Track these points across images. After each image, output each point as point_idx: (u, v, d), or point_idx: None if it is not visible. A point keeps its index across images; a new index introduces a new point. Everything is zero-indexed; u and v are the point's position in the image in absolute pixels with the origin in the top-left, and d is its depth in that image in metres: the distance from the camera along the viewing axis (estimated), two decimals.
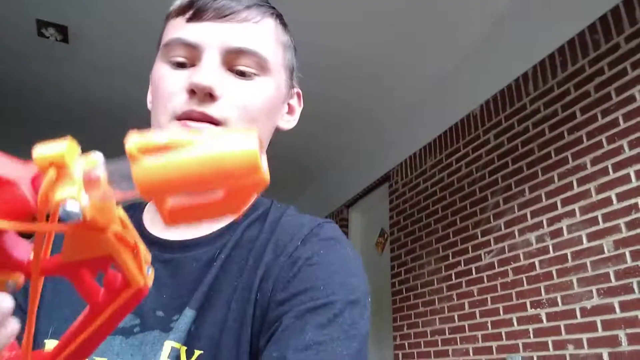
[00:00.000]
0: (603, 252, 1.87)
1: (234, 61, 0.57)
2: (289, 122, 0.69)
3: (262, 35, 0.60)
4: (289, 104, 0.68)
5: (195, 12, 0.58)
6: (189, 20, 0.58)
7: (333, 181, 4.58)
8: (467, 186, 2.72)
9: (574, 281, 1.97)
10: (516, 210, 2.34)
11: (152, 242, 0.60)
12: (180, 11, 0.59)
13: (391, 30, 2.77)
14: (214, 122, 0.55)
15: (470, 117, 2.79)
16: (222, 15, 0.57)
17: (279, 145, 4.18)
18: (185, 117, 0.55)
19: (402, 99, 3.40)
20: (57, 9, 2.70)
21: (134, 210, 0.66)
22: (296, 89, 0.70)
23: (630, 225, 1.78)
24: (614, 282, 1.81)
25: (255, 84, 0.59)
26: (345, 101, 3.47)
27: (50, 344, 0.54)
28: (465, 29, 2.73)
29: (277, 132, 0.68)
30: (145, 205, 0.67)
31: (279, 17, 0.65)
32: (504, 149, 2.48)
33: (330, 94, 3.37)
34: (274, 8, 0.64)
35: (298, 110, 0.71)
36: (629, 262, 1.77)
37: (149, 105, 0.65)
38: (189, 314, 0.53)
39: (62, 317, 0.54)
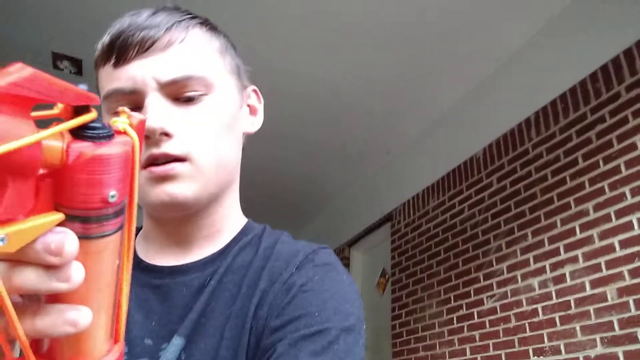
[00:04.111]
0: (606, 300, 1.84)
1: (176, 91, 0.55)
2: (253, 124, 0.67)
3: (192, 53, 0.57)
4: (248, 105, 0.66)
5: (118, 54, 0.55)
6: (115, 65, 0.56)
7: (335, 219, 4.57)
8: (469, 228, 2.72)
9: (577, 329, 1.93)
10: (519, 255, 2.32)
11: (143, 268, 0.59)
12: (105, 57, 0.57)
13: (395, 73, 2.83)
14: (178, 159, 0.54)
15: (473, 160, 2.81)
16: (145, 48, 0.55)
17: (281, 182, 4.22)
18: (149, 163, 0.54)
19: (405, 139, 3.44)
20: (73, 43, 2.79)
21: None
22: (251, 87, 0.67)
23: (634, 273, 1.76)
24: (617, 331, 1.77)
25: (206, 106, 0.57)
26: (349, 140, 3.51)
27: None
28: (469, 71, 2.79)
29: (248, 137, 0.66)
30: (139, 231, 0.67)
31: (204, 23, 0.61)
32: (507, 192, 2.48)
33: (334, 132, 3.42)
34: (196, 17, 0.60)
35: (260, 107, 0.68)
36: (633, 311, 1.74)
37: None
38: (177, 342, 0.52)
39: None
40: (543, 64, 2.42)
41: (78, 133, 0.26)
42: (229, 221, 0.63)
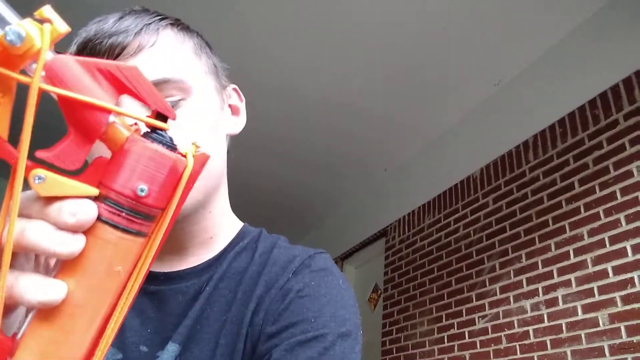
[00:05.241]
0: (598, 325, 1.85)
1: None
2: (236, 125, 0.64)
3: (164, 57, 0.54)
4: (230, 105, 0.64)
5: None
6: None
7: (330, 233, 4.56)
8: (464, 247, 2.72)
9: (568, 353, 1.94)
10: (512, 276, 2.33)
11: None
12: None
13: (395, 91, 2.86)
14: None
15: (470, 180, 2.83)
16: (115, 55, 0.52)
17: (276, 195, 4.20)
18: None
19: (403, 156, 3.46)
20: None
21: None
22: (231, 86, 0.65)
23: (626, 300, 1.77)
24: (608, 357, 1.78)
25: (185, 110, 0.53)
26: (345, 155, 3.53)
27: None
28: (469, 93, 2.82)
29: (232, 138, 0.64)
30: None
31: (175, 24, 0.58)
32: (502, 213, 2.50)
33: (329, 146, 3.44)
34: (166, 17, 0.57)
35: (242, 106, 0.65)
36: (624, 337, 1.74)
37: None
38: (171, 348, 0.52)
39: None
40: (542, 89, 2.45)
41: (146, 133, 0.29)
42: (221, 227, 0.62)
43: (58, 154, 0.26)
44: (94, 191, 0.28)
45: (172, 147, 0.29)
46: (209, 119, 0.56)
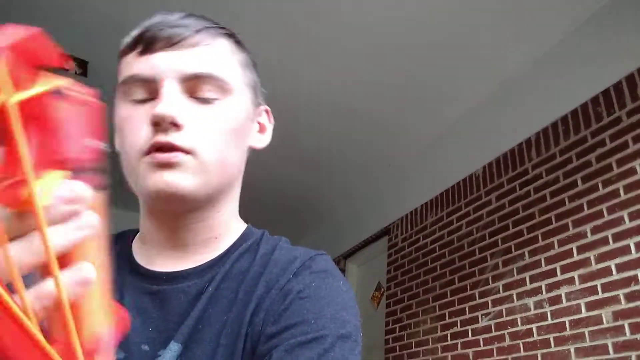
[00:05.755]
0: (602, 323, 1.85)
1: (193, 88, 0.56)
2: (261, 141, 0.67)
3: (216, 57, 0.58)
4: (258, 122, 0.67)
5: (145, 44, 0.56)
6: (141, 54, 0.57)
7: (332, 231, 4.57)
8: (466, 245, 2.72)
9: (572, 350, 1.93)
10: (515, 274, 2.32)
11: (140, 273, 0.59)
12: (131, 46, 0.58)
13: (398, 89, 2.85)
14: (183, 151, 0.54)
15: (472, 178, 2.83)
16: (172, 43, 0.56)
17: (280, 194, 4.21)
18: (152, 149, 0.54)
19: (406, 154, 3.46)
20: (79, 44, 2.81)
21: (123, 240, 0.66)
22: (263, 107, 0.68)
23: (630, 297, 1.77)
24: (612, 355, 1.78)
25: (219, 108, 0.57)
26: (349, 153, 3.53)
27: None
28: (472, 90, 2.82)
29: (252, 151, 0.67)
30: (135, 235, 0.66)
31: (232, 36, 0.63)
32: (505, 211, 2.50)
33: (331, 146, 3.44)
34: (224, 28, 0.62)
35: (269, 127, 0.69)
36: (628, 335, 1.74)
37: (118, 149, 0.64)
38: (174, 347, 0.52)
39: None
40: (545, 86, 2.45)
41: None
42: (227, 229, 0.63)
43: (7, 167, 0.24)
44: (62, 172, 0.26)
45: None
46: (237, 123, 0.59)
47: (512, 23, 2.34)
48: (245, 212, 0.67)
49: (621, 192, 1.90)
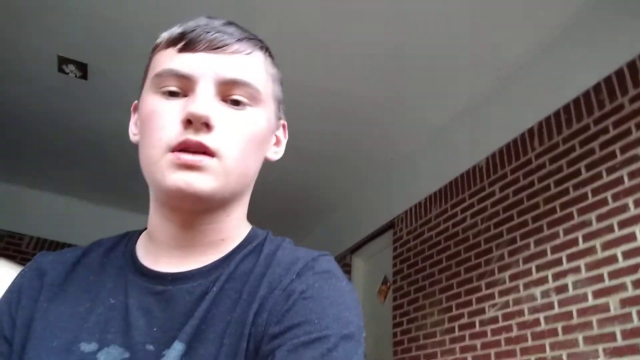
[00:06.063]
0: (609, 311, 1.84)
1: (227, 92, 0.58)
2: (276, 153, 0.69)
3: (253, 67, 0.61)
4: (276, 135, 0.69)
5: (188, 43, 0.58)
6: (181, 50, 0.58)
7: (337, 226, 4.57)
8: (472, 237, 2.72)
9: (580, 339, 1.93)
10: (521, 264, 2.32)
11: (144, 273, 0.60)
12: (171, 42, 0.59)
13: (398, 81, 2.85)
14: (208, 152, 0.55)
15: (475, 169, 2.82)
16: (214, 47, 0.58)
17: (284, 190, 4.21)
18: (180, 147, 0.54)
19: (408, 147, 3.45)
20: (79, 47, 2.81)
21: (127, 240, 0.66)
22: (282, 121, 0.71)
23: (637, 284, 1.77)
24: (620, 342, 1.78)
25: (248, 114, 0.59)
26: (350, 147, 3.52)
27: None
28: (473, 81, 2.81)
29: (266, 162, 0.68)
30: (139, 235, 0.67)
31: (267, 50, 0.66)
32: (510, 201, 2.49)
33: (335, 139, 3.43)
34: (262, 41, 0.65)
35: (284, 141, 0.71)
36: (636, 322, 1.74)
37: (134, 138, 0.65)
38: (178, 347, 0.53)
39: (50, 349, 0.54)
40: (546, 75, 2.44)
41: None
42: (234, 232, 0.64)
43: None
44: None
45: None
46: (261, 131, 0.61)
47: (511, 12, 2.32)
48: (249, 209, 0.68)
49: (625, 179, 1.89)
